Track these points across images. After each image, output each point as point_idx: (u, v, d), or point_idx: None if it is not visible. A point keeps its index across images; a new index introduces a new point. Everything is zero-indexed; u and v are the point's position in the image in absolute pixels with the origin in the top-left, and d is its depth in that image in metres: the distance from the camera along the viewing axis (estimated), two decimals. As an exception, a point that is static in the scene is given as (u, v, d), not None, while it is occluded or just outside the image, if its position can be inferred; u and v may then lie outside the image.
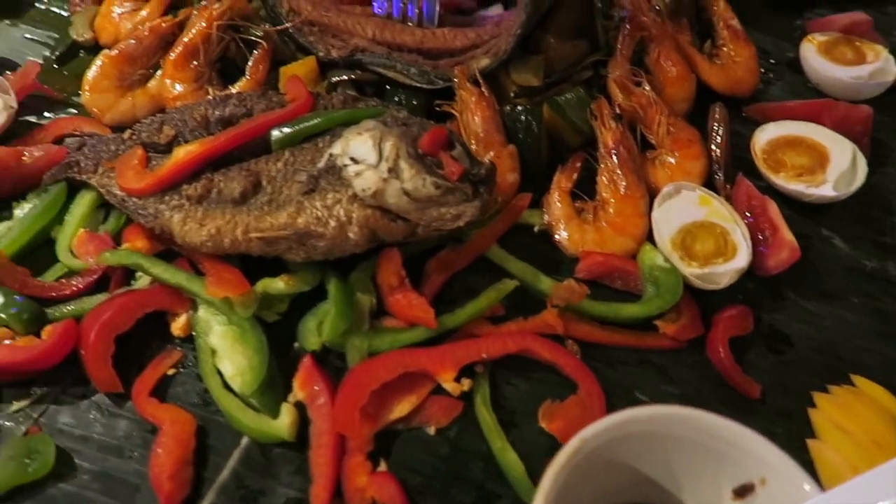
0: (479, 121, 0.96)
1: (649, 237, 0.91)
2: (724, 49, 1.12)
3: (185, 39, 1.01)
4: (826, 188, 0.95)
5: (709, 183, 0.98)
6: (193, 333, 0.82)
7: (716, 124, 1.02)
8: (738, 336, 0.85)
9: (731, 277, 0.85)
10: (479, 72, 0.99)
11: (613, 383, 0.81)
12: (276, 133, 0.87)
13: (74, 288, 0.85)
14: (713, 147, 1.00)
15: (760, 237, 0.91)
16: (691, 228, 0.89)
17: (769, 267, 0.89)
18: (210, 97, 0.99)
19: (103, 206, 0.93)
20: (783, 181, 0.97)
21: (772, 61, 1.18)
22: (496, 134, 0.96)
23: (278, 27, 1.04)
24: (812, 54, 1.12)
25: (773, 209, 0.91)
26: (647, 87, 1.01)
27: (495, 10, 1.11)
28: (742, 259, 0.86)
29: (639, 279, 0.88)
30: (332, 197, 0.81)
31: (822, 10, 1.26)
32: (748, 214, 0.92)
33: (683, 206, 0.91)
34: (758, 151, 1.00)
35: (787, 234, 0.89)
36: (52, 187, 0.92)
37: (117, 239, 0.90)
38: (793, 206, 0.97)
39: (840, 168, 0.96)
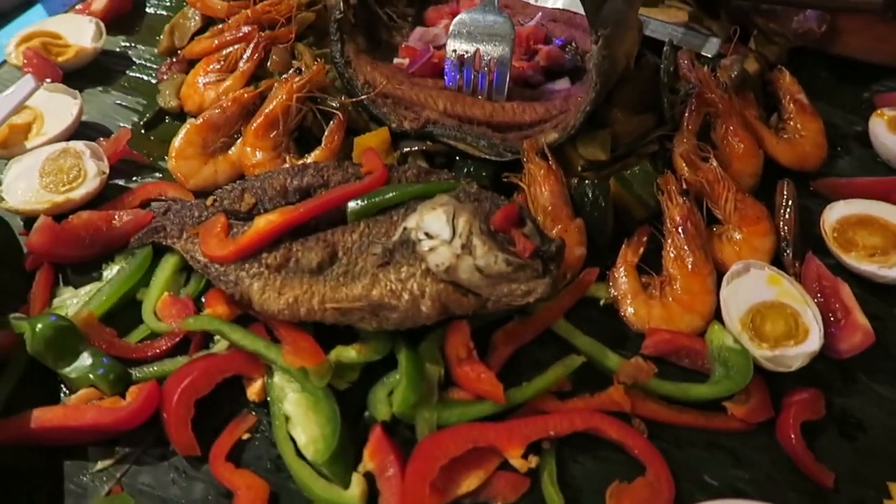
0: (547, 194, 0.98)
1: (717, 315, 0.91)
2: (791, 123, 1.13)
3: (267, 110, 1.06)
4: (899, 269, 0.94)
5: (776, 260, 0.98)
6: (268, 399, 0.85)
7: (784, 200, 1.02)
8: (809, 420, 0.84)
9: (802, 361, 0.85)
10: (547, 146, 1.01)
11: (682, 465, 0.81)
12: (352, 205, 0.90)
13: (157, 350, 0.89)
14: (781, 224, 1.00)
15: (832, 318, 0.90)
16: (761, 308, 0.89)
17: (841, 350, 0.88)
18: (288, 166, 1.03)
19: (184, 269, 0.97)
20: (855, 261, 0.96)
21: (839, 135, 1.18)
22: (564, 207, 0.97)
23: (354, 99, 1.09)
24: (882, 130, 1.12)
25: (846, 291, 0.91)
26: (715, 163, 1.01)
27: (562, 84, 1.14)
28: (814, 342, 0.85)
29: (706, 358, 0.88)
30: (406, 271, 0.84)
31: (891, 82, 1.25)
32: (819, 295, 0.91)
33: (753, 285, 0.91)
34: (828, 230, 0.99)
35: (861, 318, 0.88)
36: (139, 251, 0.97)
37: (197, 301, 0.94)
38: (864, 286, 0.96)
39: (913, 249, 0.95)
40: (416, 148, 1.06)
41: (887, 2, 1.06)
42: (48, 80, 1.14)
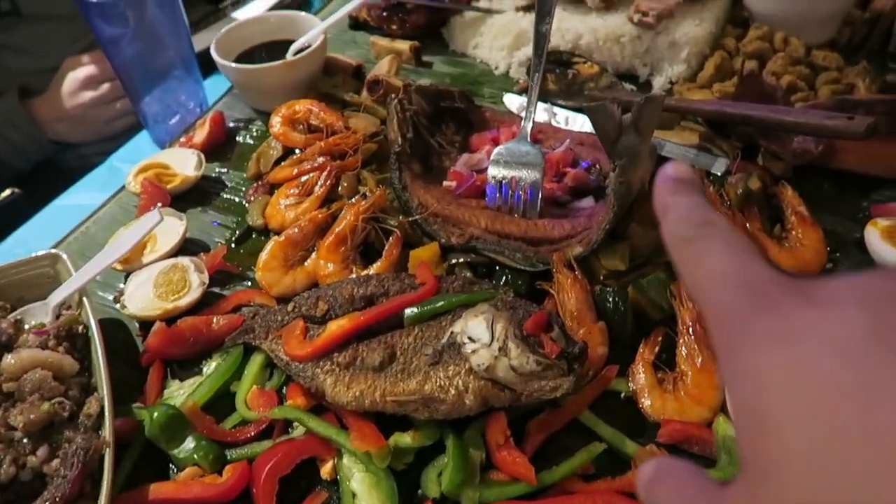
0: (573, 300, 1.15)
1: (724, 408, 1.05)
2: (793, 233, 1.27)
3: (338, 229, 1.27)
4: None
5: (779, 357, 1.11)
6: (338, 477, 1.01)
7: (784, 304, 1.15)
8: None
9: (797, 449, 0.97)
10: (573, 258, 1.19)
11: (691, 541, 0.93)
12: (408, 312, 1.08)
13: (248, 435, 1.07)
14: (782, 325, 1.13)
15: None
16: (761, 402, 1.02)
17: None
18: (354, 276, 1.23)
19: (269, 366, 1.16)
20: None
21: (839, 242, 1.30)
22: (588, 312, 1.14)
23: (409, 218, 1.29)
24: (876, 239, 1.24)
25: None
26: (721, 272, 1.16)
27: (587, 202, 1.32)
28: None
29: (714, 446, 1.01)
30: (453, 369, 1.00)
31: (888, 191, 1.38)
32: (814, 390, 1.04)
33: (753, 382, 1.04)
34: (823, 331, 1.12)
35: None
36: (232, 349, 1.17)
37: (279, 393, 1.12)
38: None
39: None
40: (462, 260, 1.25)
41: (866, 131, 1.21)
42: (160, 204, 1.38)
